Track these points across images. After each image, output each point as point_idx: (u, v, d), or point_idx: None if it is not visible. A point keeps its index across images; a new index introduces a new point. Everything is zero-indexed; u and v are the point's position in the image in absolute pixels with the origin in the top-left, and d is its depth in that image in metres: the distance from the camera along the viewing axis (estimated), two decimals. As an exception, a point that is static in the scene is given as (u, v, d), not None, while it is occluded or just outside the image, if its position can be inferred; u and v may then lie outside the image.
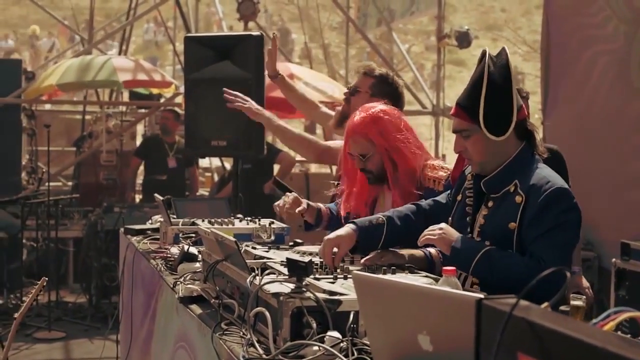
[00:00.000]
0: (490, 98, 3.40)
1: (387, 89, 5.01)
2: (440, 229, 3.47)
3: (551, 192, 3.33)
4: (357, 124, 4.26)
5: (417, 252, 3.77)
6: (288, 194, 4.77)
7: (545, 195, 3.33)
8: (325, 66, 18.00)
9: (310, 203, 4.78)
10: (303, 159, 10.57)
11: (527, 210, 3.34)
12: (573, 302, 2.76)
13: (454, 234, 3.44)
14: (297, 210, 4.61)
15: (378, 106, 4.33)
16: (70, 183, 13.14)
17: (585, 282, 5.70)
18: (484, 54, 3.49)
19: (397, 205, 4.11)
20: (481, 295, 1.85)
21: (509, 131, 3.42)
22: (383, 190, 4.39)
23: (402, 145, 4.22)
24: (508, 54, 3.51)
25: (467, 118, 3.45)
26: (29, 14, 35.46)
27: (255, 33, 7.01)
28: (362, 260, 3.67)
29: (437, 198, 3.91)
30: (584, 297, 2.72)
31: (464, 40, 13.17)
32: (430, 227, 3.50)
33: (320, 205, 4.81)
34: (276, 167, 10.95)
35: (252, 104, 5.41)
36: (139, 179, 12.34)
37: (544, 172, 3.44)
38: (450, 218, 3.71)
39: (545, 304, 1.90)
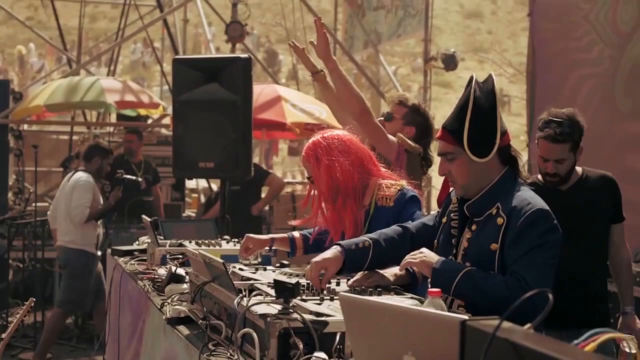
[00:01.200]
0: (476, 121, 3.45)
1: (419, 119, 5.38)
2: (421, 252, 3.51)
3: (531, 214, 3.37)
4: (306, 147, 4.43)
5: (402, 272, 3.81)
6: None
7: (526, 216, 3.37)
8: (313, 87, 18.03)
9: (276, 236, 4.82)
10: (293, 180, 10.62)
11: (508, 232, 3.39)
12: (624, 349, 2.72)
13: (434, 257, 3.48)
14: (261, 252, 4.67)
15: (321, 133, 4.45)
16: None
17: (638, 323, 5.22)
18: (471, 79, 3.55)
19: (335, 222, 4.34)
20: (465, 317, 1.88)
21: (491, 153, 3.47)
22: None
23: (335, 165, 4.30)
24: (495, 80, 3.56)
25: (452, 140, 3.50)
26: (16, 33, 35.49)
27: (244, 55, 7.05)
28: (349, 282, 3.70)
29: (424, 220, 3.94)
30: (634, 339, 2.61)
31: (450, 62, 13.26)
32: (412, 253, 3.54)
33: (293, 233, 4.85)
34: (265, 189, 10.98)
35: (328, 45, 5.25)
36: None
37: (525, 195, 3.48)
38: (435, 241, 3.75)
39: (528, 325, 1.93)
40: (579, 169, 5.02)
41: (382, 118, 5.56)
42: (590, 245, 4.96)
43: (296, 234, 4.88)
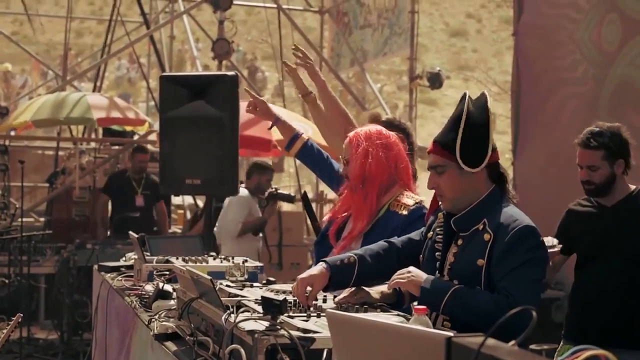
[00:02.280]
0: (469, 133, 3.50)
1: (395, 132, 5.27)
2: (409, 272, 3.54)
3: (518, 230, 3.42)
4: (352, 133, 4.54)
5: (389, 290, 3.84)
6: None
7: (513, 232, 3.41)
8: (299, 104, 18.09)
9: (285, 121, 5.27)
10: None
11: (495, 248, 3.42)
12: None
13: (422, 275, 3.51)
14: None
15: (375, 126, 4.63)
16: (42, 219, 13.11)
17: None
18: (464, 95, 3.60)
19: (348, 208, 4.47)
20: (450, 334, 1.92)
21: (483, 164, 3.51)
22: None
23: (381, 157, 4.43)
24: (488, 97, 3.61)
25: (443, 153, 3.55)
26: (1, 48, 35.44)
27: (230, 73, 7.08)
28: (336, 299, 3.72)
29: (410, 235, 3.97)
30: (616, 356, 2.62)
31: (435, 80, 13.32)
32: (399, 271, 3.57)
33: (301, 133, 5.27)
34: None
35: (314, 65, 5.42)
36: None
37: (512, 211, 3.53)
38: (421, 255, 3.78)
39: (513, 342, 1.96)
40: (632, 186, 5.01)
41: None
42: (631, 263, 4.93)
43: (304, 135, 5.21)
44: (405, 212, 4.37)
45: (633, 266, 4.92)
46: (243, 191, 8.96)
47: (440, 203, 3.73)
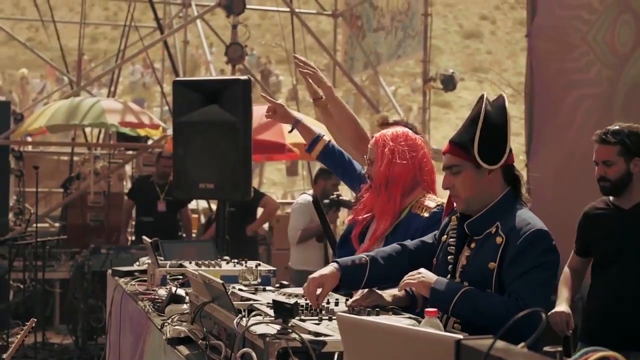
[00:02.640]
0: (486, 132, 3.51)
1: None
2: (419, 273, 3.54)
3: (531, 234, 3.41)
4: (379, 133, 4.60)
5: (401, 292, 3.84)
6: None
7: (525, 236, 3.41)
8: (313, 108, 18.11)
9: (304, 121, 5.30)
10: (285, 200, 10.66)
11: (507, 251, 3.42)
12: None
13: (433, 277, 3.52)
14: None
15: (402, 128, 4.68)
16: (57, 224, 13.16)
17: None
18: (482, 97, 3.60)
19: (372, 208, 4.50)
20: (460, 336, 1.92)
21: (501, 161, 3.52)
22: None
23: (398, 156, 4.45)
24: (506, 99, 3.61)
25: (459, 153, 3.56)
26: (17, 54, 35.59)
27: (243, 77, 7.08)
28: (348, 302, 3.72)
29: (423, 238, 3.97)
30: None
31: (449, 83, 13.32)
32: (410, 273, 3.57)
33: (321, 134, 5.27)
34: (259, 211, 11.02)
35: (318, 71, 5.41)
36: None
37: (525, 215, 3.52)
38: (434, 258, 3.78)
39: (522, 344, 1.96)
40: None
41: None
42: None
43: (326, 137, 5.21)
44: (426, 215, 4.37)
45: None
46: (306, 198, 9.01)
47: (454, 204, 3.74)
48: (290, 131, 5.37)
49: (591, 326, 5.15)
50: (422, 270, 3.58)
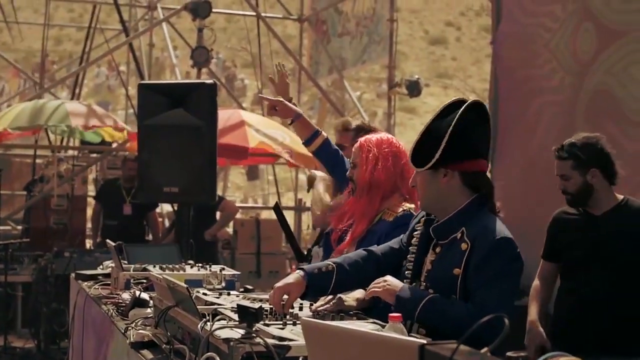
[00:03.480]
0: (423, 137, 3.58)
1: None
2: (385, 280, 3.56)
3: (496, 241, 3.44)
4: (363, 139, 4.61)
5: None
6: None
7: (490, 243, 3.43)
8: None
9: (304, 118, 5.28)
10: (246, 205, 10.65)
11: (472, 258, 3.44)
12: None
13: (398, 284, 3.54)
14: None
15: (385, 134, 4.73)
16: (20, 227, 13.07)
17: None
18: (459, 102, 3.63)
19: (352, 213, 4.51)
20: (423, 341, 1.93)
21: (426, 165, 3.54)
22: None
23: (381, 161, 4.49)
24: (466, 107, 3.60)
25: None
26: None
27: (209, 81, 7.09)
28: (312, 307, 3.73)
29: (389, 243, 3.98)
30: None
31: (414, 89, 13.37)
32: (376, 280, 3.59)
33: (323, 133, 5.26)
34: (218, 215, 11.02)
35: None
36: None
37: (491, 222, 3.54)
38: (404, 261, 3.80)
39: (485, 348, 1.98)
40: (620, 196, 5.08)
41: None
42: (619, 272, 4.97)
43: (324, 133, 5.25)
44: (390, 219, 4.40)
45: (620, 275, 4.96)
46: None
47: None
48: (290, 124, 5.38)
49: (558, 330, 5.22)
50: (387, 277, 3.60)
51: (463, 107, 3.56)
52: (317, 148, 5.25)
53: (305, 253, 6.18)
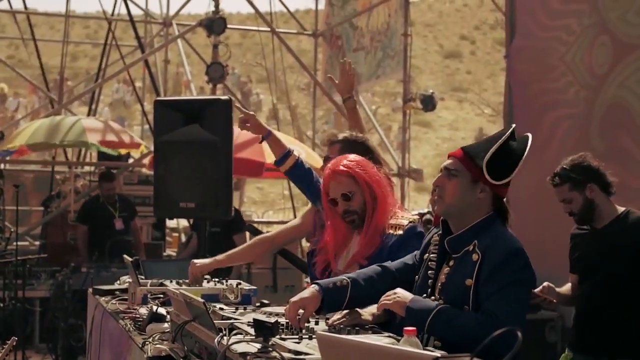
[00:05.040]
0: (501, 152, 3.60)
1: (357, 147, 5.18)
2: (395, 293, 3.58)
3: (506, 252, 3.46)
4: (336, 163, 4.45)
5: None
6: None
7: (500, 254, 3.46)
8: (293, 127, 18.15)
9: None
10: (262, 220, 10.64)
11: (483, 268, 3.47)
12: None
13: (408, 296, 3.55)
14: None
15: (345, 157, 4.53)
16: (37, 243, 13.12)
17: None
18: (512, 127, 3.71)
19: (362, 250, 4.38)
20: (437, 354, 1.95)
21: (503, 180, 3.60)
22: (352, 238, 4.53)
23: (379, 179, 4.44)
24: (530, 139, 3.68)
25: (465, 161, 3.62)
26: (-3, 72, 35.52)
27: (224, 97, 7.12)
28: (328, 321, 3.74)
29: (403, 259, 3.99)
30: None
31: (428, 103, 13.38)
32: (386, 293, 3.61)
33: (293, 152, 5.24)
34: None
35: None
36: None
37: (502, 234, 3.57)
38: (417, 276, 3.81)
39: (498, 362, 2.00)
40: (621, 208, 5.26)
41: (323, 165, 5.60)
42: (617, 283, 5.15)
43: (296, 153, 5.23)
44: (400, 232, 4.37)
45: (618, 285, 5.14)
46: None
47: (437, 207, 3.77)
48: (261, 142, 5.39)
49: (574, 335, 5.45)
50: (397, 290, 3.61)
51: (526, 138, 3.67)
52: (288, 168, 5.19)
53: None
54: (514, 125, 3.75)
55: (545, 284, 5.15)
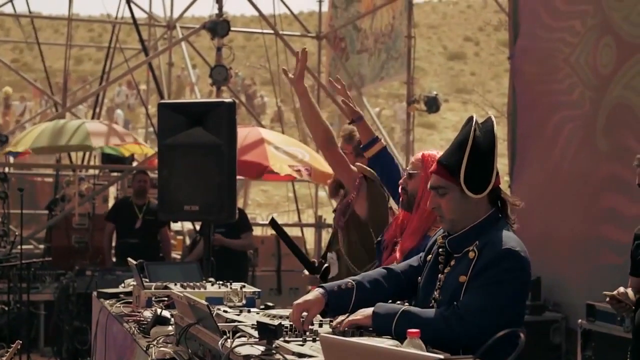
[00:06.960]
0: (473, 158, 3.54)
1: None
2: (359, 311, 3.60)
3: (499, 251, 3.46)
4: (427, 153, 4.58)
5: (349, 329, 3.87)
6: None
7: (493, 253, 3.46)
8: (297, 129, 18.15)
9: None
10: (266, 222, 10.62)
11: (476, 265, 3.47)
12: None
13: (372, 307, 3.56)
14: None
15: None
16: (42, 246, 13.12)
17: None
18: (470, 118, 3.64)
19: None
20: (441, 356, 1.95)
21: (486, 190, 3.56)
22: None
23: None
24: (494, 122, 3.64)
25: (447, 176, 3.60)
26: (1, 75, 35.53)
27: (228, 100, 7.11)
28: (333, 324, 3.74)
29: (409, 261, 4.00)
30: None
31: (432, 105, 13.36)
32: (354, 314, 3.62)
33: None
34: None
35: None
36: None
37: (502, 234, 3.56)
38: (420, 277, 3.82)
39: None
40: None
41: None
42: None
43: (383, 141, 5.34)
44: (432, 234, 4.38)
45: None
46: None
47: (442, 225, 3.77)
48: (349, 124, 5.46)
49: (633, 343, 5.27)
50: (361, 310, 3.62)
51: (489, 124, 3.60)
52: (374, 154, 5.27)
53: (317, 263, 6.16)
54: (473, 117, 3.67)
55: (621, 289, 4.98)
